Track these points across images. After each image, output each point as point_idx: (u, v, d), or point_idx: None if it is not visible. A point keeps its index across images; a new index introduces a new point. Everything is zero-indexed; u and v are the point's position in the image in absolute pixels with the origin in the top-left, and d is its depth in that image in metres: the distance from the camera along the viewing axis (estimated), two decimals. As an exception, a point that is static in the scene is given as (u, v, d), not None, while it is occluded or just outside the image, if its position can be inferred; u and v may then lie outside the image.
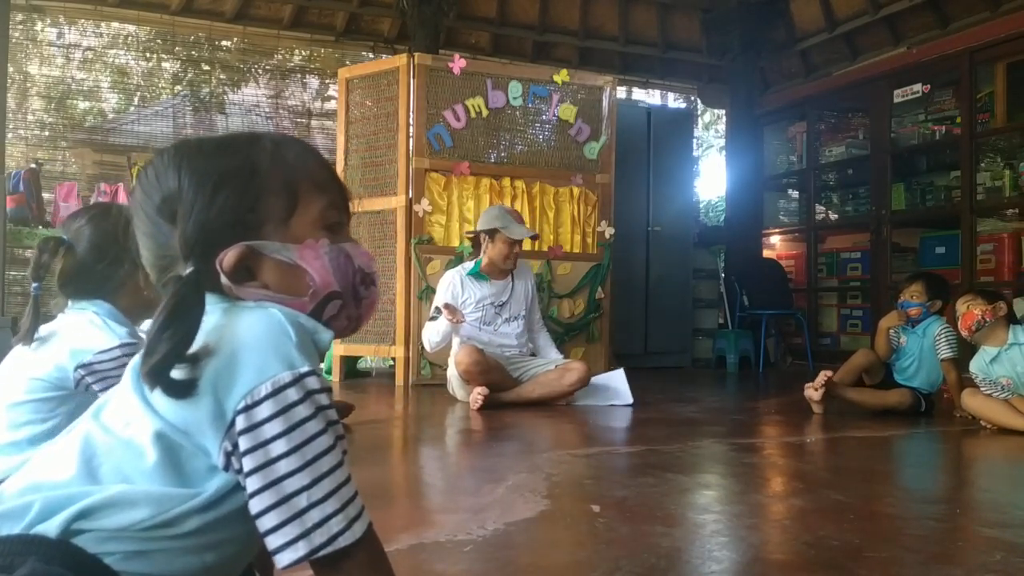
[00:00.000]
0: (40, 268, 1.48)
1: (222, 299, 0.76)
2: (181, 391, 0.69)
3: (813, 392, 3.63)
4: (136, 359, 0.73)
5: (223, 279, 0.76)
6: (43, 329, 1.52)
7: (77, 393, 1.50)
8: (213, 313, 0.74)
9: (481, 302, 3.98)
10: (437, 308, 3.92)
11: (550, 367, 3.88)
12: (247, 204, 0.77)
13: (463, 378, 3.76)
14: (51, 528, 0.67)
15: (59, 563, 0.65)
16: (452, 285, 3.98)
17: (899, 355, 3.79)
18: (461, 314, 3.74)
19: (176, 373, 0.69)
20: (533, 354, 4.15)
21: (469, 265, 4.10)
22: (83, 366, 1.47)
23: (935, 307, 3.71)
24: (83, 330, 1.50)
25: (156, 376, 0.69)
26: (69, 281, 1.52)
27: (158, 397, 0.70)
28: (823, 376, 3.64)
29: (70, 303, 1.55)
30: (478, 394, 3.62)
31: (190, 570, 0.71)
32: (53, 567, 0.65)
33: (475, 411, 3.59)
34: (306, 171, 0.82)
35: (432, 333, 3.88)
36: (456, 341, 3.85)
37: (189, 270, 0.74)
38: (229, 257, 0.76)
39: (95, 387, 1.49)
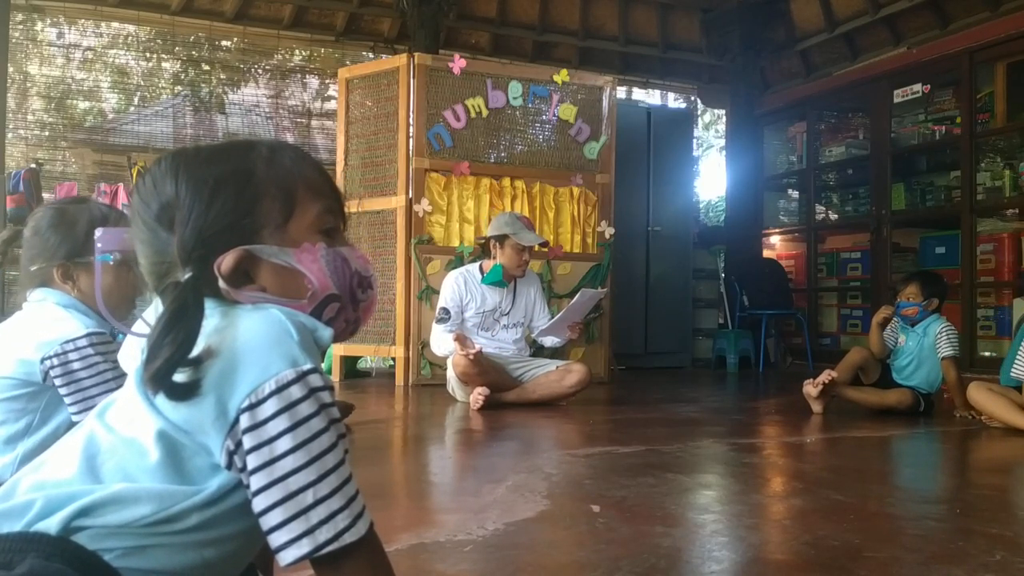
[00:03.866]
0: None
1: (221, 303, 0.77)
2: (184, 394, 0.69)
3: (811, 388, 3.63)
4: (138, 363, 0.73)
5: (221, 283, 0.76)
6: (7, 323, 1.52)
7: (47, 388, 1.47)
8: (213, 316, 0.74)
9: (483, 307, 3.98)
10: (444, 310, 3.92)
11: (551, 368, 3.88)
12: (243, 209, 0.78)
13: (461, 379, 3.76)
14: (51, 525, 0.68)
15: (59, 560, 0.66)
16: (457, 288, 3.96)
17: (897, 354, 3.80)
18: (474, 347, 3.68)
19: (179, 376, 0.69)
20: (533, 354, 4.15)
21: (474, 268, 4.08)
22: (49, 358, 1.44)
23: (932, 305, 3.72)
24: (46, 321, 1.48)
25: (159, 381, 0.69)
26: (22, 270, 1.54)
27: (161, 398, 0.71)
28: (827, 374, 3.63)
29: (28, 294, 1.54)
30: (478, 394, 3.62)
31: (190, 566, 0.71)
32: (52, 563, 0.65)
33: (475, 411, 3.59)
34: (302, 176, 0.82)
35: (439, 346, 3.93)
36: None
37: (188, 275, 0.74)
38: (227, 261, 0.76)
39: (57, 382, 1.45)
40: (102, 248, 1.45)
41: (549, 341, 4.10)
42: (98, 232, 1.46)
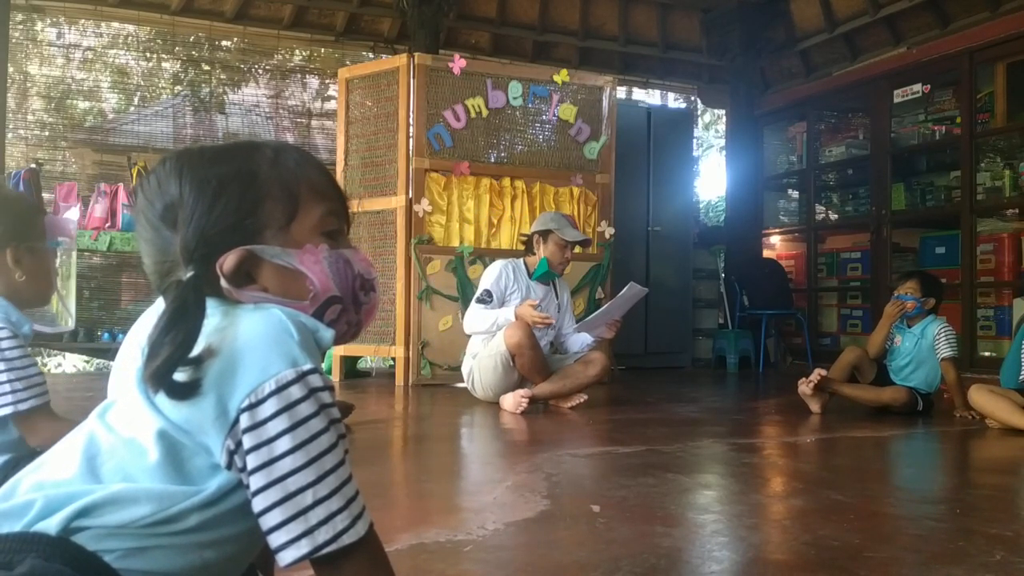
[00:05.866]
0: None
1: (223, 302, 0.77)
2: (184, 393, 0.69)
3: (805, 387, 3.65)
4: (139, 362, 0.73)
5: (223, 283, 0.76)
6: None
7: None
8: (214, 315, 0.74)
9: (526, 299, 3.87)
10: (487, 292, 3.86)
11: (570, 361, 3.85)
12: (247, 209, 0.78)
13: (512, 351, 3.63)
14: (51, 526, 0.68)
15: (59, 560, 0.66)
16: (504, 274, 3.90)
17: (893, 355, 3.80)
18: (549, 317, 3.66)
19: (179, 375, 0.69)
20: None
21: (519, 262, 3.98)
22: None
23: (929, 304, 3.73)
24: None
25: (159, 379, 0.69)
26: None
27: (161, 397, 0.71)
28: (817, 373, 3.65)
29: None
30: (522, 397, 3.55)
31: (190, 567, 0.71)
32: (52, 564, 0.65)
33: (518, 415, 3.49)
34: (306, 178, 0.83)
35: (479, 321, 3.80)
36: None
37: (189, 274, 0.74)
38: (229, 261, 0.76)
39: None
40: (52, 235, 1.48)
41: (578, 343, 4.00)
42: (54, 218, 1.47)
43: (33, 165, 5.92)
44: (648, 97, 10.17)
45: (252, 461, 0.69)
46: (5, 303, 1.47)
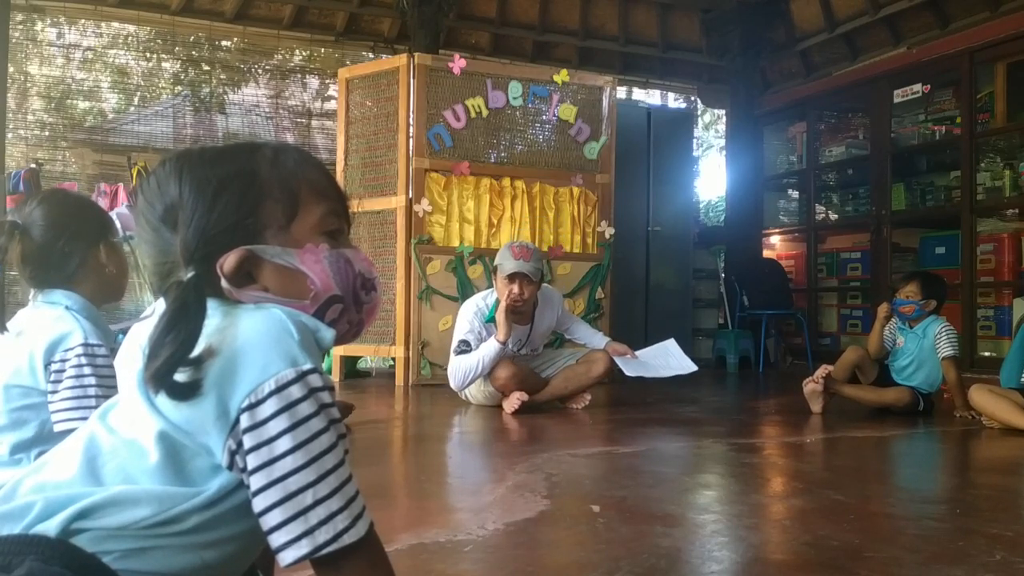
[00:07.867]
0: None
1: (223, 303, 0.77)
2: (185, 393, 0.69)
3: (815, 385, 3.63)
4: (139, 363, 0.73)
5: (224, 283, 0.76)
6: (13, 324, 1.47)
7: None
8: (214, 316, 0.74)
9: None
10: (465, 342, 3.65)
11: (572, 361, 3.80)
12: (247, 209, 0.78)
13: (501, 392, 3.61)
14: (50, 528, 0.68)
15: (58, 562, 0.65)
16: (472, 326, 3.69)
17: (896, 355, 3.80)
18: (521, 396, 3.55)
19: (180, 376, 0.69)
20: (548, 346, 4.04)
21: (492, 298, 3.74)
22: (48, 364, 1.41)
23: (929, 307, 3.72)
24: (53, 326, 1.44)
25: (160, 380, 0.69)
26: (29, 265, 1.48)
27: (162, 398, 0.71)
28: (824, 369, 3.64)
29: (40, 296, 1.50)
30: (517, 399, 3.52)
31: (189, 568, 0.71)
32: (52, 566, 0.65)
33: (510, 415, 3.48)
34: (306, 177, 0.83)
35: (467, 369, 3.59)
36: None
37: (190, 274, 0.74)
38: (229, 261, 0.76)
39: (49, 387, 1.41)
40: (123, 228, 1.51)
41: (585, 337, 3.94)
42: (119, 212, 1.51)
43: (33, 165, 5.92)
44: (648, 97, 10.18)
45: (252, 461, 0.69)
46: (96, 314, 1.51)
